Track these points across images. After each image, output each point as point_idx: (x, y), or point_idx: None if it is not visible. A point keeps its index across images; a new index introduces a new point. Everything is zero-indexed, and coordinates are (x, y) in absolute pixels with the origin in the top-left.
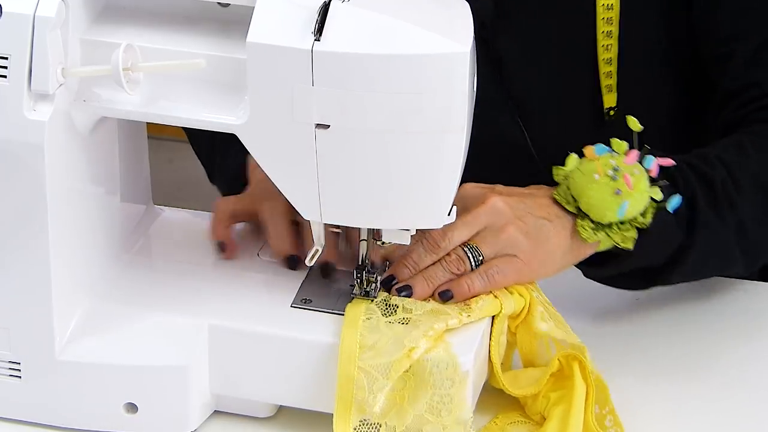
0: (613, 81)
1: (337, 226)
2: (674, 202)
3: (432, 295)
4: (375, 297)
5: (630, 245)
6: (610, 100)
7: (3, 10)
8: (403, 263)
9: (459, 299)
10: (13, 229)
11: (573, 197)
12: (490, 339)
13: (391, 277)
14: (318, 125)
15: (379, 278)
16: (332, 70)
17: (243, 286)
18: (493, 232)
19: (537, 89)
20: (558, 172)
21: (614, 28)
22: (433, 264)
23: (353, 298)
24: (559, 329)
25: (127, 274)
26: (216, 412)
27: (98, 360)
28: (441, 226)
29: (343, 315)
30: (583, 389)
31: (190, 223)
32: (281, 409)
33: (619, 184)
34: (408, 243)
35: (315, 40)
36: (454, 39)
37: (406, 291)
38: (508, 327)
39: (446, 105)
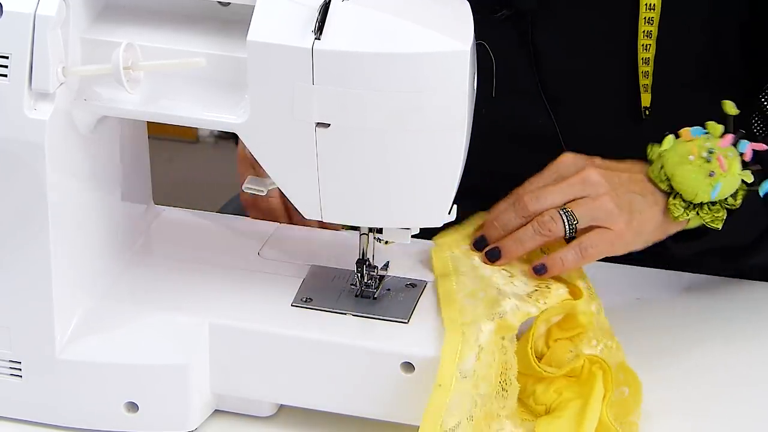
0: (649, 81)
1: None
2: (766, 185)
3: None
4: (375, 293)
5: (719, 225)
6: (646, 99)
7: (3, 9)
8: (493, 224)
9: (552, 273)
10: (13, 228)
11: (666, 176)
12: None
13: (482, 238)
14: (318, 124)
15: (380, 274)
16: (332, 68)
17: (244, 285)
18: (587, 201)
19: (574, 83)
20: (653, 150)
21: (654, 29)
22: (524, 226)
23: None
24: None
25: (127, 274)
26: (217, 411)
27: (99, 359)
28: (441, 224)
29: (343, 314)
30: (602, 391)
31: (190, 223)
32: (282, 409)
33: (713, 166)
34: (408, 242)
35: (315, 38)
36: (454, 37)
37: (495, 253)
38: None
39: (446, 103)
